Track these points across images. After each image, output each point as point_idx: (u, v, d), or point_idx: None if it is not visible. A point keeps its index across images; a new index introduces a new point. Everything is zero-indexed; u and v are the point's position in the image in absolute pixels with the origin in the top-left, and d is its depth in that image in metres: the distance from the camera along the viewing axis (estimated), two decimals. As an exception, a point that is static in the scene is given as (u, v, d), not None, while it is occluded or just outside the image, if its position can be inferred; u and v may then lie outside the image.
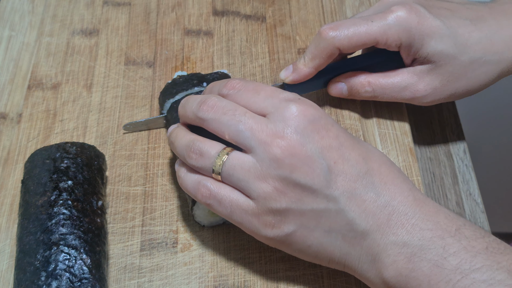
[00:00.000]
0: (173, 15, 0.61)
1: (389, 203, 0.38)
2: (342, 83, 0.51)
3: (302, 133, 0.38)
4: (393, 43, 0.47)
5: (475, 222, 0.51)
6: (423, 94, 0.49)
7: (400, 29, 0.46)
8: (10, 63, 0.56)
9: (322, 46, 0.47)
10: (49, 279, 0.39)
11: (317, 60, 0.48)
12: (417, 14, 0.46)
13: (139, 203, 0.48)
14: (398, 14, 0.46)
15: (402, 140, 0.52)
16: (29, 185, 0.43)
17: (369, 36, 0.47)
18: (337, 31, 0.47)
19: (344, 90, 0.51)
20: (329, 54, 0.48)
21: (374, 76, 0.50)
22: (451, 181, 0.53)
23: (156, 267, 0.45)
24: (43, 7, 0.61)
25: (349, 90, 0.51)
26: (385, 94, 0.50)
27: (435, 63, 0.47)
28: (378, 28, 0.47)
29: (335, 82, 0.51)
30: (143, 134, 0.52)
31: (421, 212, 0.37)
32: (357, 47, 0.47)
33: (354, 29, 0.47)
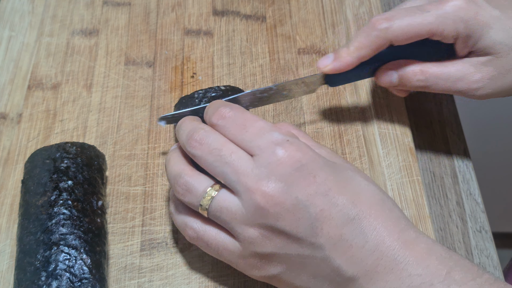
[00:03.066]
0: (173, 15, 0.61)
1: (377, 248, 0.36)
2: (392, 71, 0.48)
3: (287, 181, 0.37)
4: (450, 34, 0.45)
5: (475, 222, 0.51)
6: (479, 85, 0.46)
7: (457, 19, 0.44)
8: (10, 63, 0.56)
9: (373, 36, 0.45)
10: (49, 279, 0.39)
11: (363, 50, 0.46)
12: (475, 4, 0.44)
13: (139, 203, 0.48)
14: (455, 3, 0.44)
15: (402, 140, 0.52)
16: (29, 185, 0.43)
17: (424, 27, 0.44)
18: (390, 21, 0.44)
19: (394, 78, 0.48)
20: (379, 46, 0.45)
21: (427, 65, 0.47)
22: (451, 181, 0.53)
23: (156, 267, 0.45)
24: (43, 7, 0.61)
25: (400, 78, 0.48)
26: (438, 84, 0.47)
27: (493, 55, 0.45)
28: (434, 19, 0.44)
29: (384, 70, 0.48)
30: (143, 134, 0.52)
31: (411, 255, 0.36)
32: (411, 39, 0.45)
33: (408, 19, 0.44)
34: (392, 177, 0.50)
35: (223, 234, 0.39)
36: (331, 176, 0.38)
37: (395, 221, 0.38)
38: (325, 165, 0.38)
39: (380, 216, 0.37)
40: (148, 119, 0.53)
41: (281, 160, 0.37)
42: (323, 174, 0.37)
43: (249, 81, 0.56)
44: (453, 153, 0.55)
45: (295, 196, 0.37)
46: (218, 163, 0.38)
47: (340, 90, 0.55)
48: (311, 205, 0.37)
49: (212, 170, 0.38)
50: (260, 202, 0.36)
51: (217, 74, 0.56)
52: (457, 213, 0.51)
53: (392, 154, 0.51)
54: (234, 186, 0.37)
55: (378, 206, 0.38)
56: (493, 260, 0.49)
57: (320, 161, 0.38)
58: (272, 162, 0.37)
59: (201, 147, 0.39)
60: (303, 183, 0.37)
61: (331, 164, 0.39)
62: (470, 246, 0.50)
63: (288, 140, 0.38)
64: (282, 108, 0.54)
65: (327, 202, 0.37)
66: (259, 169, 0.37)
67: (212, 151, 0.38)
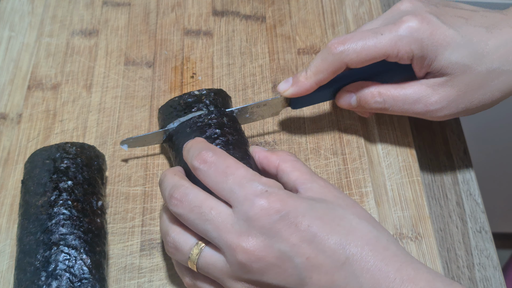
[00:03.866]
0: (172, 15, 0.61)
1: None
2: (351, 94, 0.48)
3: (268, 233, 0.36)
4: (405, 55, 0.45)
5: (475, 222, 0.51)
6: (436, 107, 0.46)
7: (411, 40, 0.44)
8: (10, 64, 0.56)
9: (329, 60, 0.45)
10: (49, 279, 0.39)
11: (321, 75, 0.46)
12: (430, 24, 0.44)
13: (139, 203, 0.48)
14: (409, 24, 0.44)
15: (402, 140, 0.52)
16: (29, 185, 0.43)
17: (378, 50, 0.44)
18: (345, 45, 0.45)
19: (353, 100, 0.48)
20: (336, 69, 0.46)
21: (385, 87, 0.47)
22: (451, 181, 0.53)
23: (156, 267, 0.45)
24: (42, 7, 0.61)
25: (359, 100, 0.48)
26: (396, 106, 0.47)
27: (450, 75, 0.45)
28: (388, 41, 0.44)
29: (343, 92, 0.49)
30: (143, 134, 0.52)
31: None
32: (366, 62, 0.45)
33: (362, 43, 0.44)
34: (392, 177, 0.50)
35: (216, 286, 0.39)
36: (316, 220, 0.36)
37: (391, 260, 0.36)
38: (309, 210, 0.37)
39: (374, 257, 0.35)
40: (148, 119, 0.53)
41: (260, 212, 0.36)
42: (306, 220, 0.36)
43: (249, 81, 0.56)
44: (453, 153, 0.55)
45: (277, 248, 0.35)
46: (199, 220, 0.37)
47: (340, 90, 0.55)
48: (296, 255, 0.35)
49: (195, 228, 0.38)
50: (242, 259, 0.36)
51: (217, 74, 0.56)
52: (457, 214, 0.51)
53: (392, 154, 0.51)
54: (217, 242, 0.37)
55: (370, 246, 0.36)
56: (493, 260, 0.49)
57: (302, 207, 0.37)
58: (251, 216, 0.36)
59: (182, 205, 0.38)
60: (285, 234, 0.36)
61: (318, 206, 0.37)
62: (470, 246, 0.50)
63: (267, 190, 0.37)
64: (282, 108, 0.54)
65: (314, 249, 0.35)
66: (239, 224, 0.36)
67: (192, 209, 0.37)
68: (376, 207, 0.48)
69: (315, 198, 0.38)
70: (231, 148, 0.43)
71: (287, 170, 0.41)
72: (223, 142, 0.43)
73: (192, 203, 0.38)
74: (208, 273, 0.38)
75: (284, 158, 0.41)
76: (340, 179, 0.50)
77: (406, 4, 0.47)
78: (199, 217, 0.37)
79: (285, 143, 0.52)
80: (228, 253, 0.36)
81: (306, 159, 0.51)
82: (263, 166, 0.43)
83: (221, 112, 0.46)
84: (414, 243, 0.47)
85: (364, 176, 0.50)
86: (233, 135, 0.44)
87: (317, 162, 0.51)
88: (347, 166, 0.50)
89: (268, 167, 0.42)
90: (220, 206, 0.37)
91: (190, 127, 0.45)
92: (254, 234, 0.36)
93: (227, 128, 0.45)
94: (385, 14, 0.48)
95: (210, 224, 0.37)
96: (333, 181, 0.50)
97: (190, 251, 0.38)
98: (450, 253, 0.49)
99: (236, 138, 0.44)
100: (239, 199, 0.37)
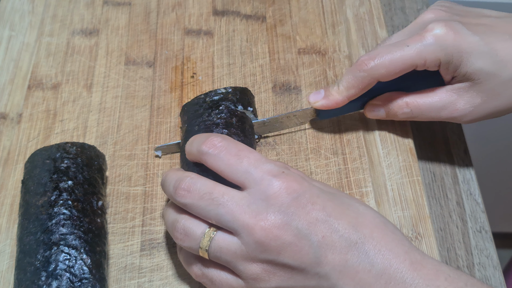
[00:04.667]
0: (173, 15, 0.61)
1: (384, 272, 0.36)
2: (379, 107, 0.50)
3: (286, 212, 0.37)
4: (432, 63, 0.46)
5: (475, 222, 0.51)
6: (462, 113, 0.47)
7: (437, 48, 0.45)
8: (10, 63, 0.56)
9: (360, 76, 0.46)
10: (49, 279, 0.39)
11: (352, 90, 0.47)
12: (454, 31, 0.45)
13: (139, 203, 0.48)
14: (434, 32, 0.45)
15: (402, 140, 0.52)
16: (29, 185, 0.43)
17: (406, 61, 0.45)
18: (374, 61, 0.46)
19: (382, 113, 0.50)
20: (367, 85, 0.47)
21: (412, 97, 0.48)
22: (452, 181, 0.53)
23: (156, 267, 0.45)
24: (43, 7, 0.61)
25: (387, 112, 0.50)
26: (423, 114, 0.48)
27: (474, 81, 0.46)
28: (414, 52, 0.45)
29: (372, 105, 0.50)
30: (143, 134, 0.52)
31: (419, 277, 0.36)
32: (395, 74, 0.46)
33: (390, 57, 0.45)
34: (392, 177, 0.50)
35: (226, 272, 0.39)
36: (329, 201, 0.38)
37: (399, 242, 0.37)
38: (321, 193, 0.38)
39: (384, 239, 0.37)
40: (148, 119, 0.53)
41: (278, 191, 0.37)
42: (320, 201, 0.38)
43: (249, 81, 0.56)
44: (453, 153, 0.55)
45: (295, 226, 0.36)
46: (212, 206, 0.37)
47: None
48: (312, 234, 0.36)
49: (206, 215, 0.38)
50: (260, 237, 0.36)
51: (217, 74, 0.56)
52: (457, 213, 0.51)
53: (392, 154, 0.51)
54: (231, 226, 0.37)
55: (379, 229, 0.38)
56: (493, 260, 0.49)
57: (316, 190, 0.38)
58: (269, 194, 0.37)
59: (190, 195, 0.38)
60: (302, 212, 0.37)
61: (327, 192, 0.39)
62: (470, 246, 0.50)
63: (283, 171, 0.38)
64: (282, 108, 0.54)
65: (328, 228, 0.37)
66: (256, 204, 0.37)
67: (203, 196, 0.38)
68: (376, 207, 0.48)
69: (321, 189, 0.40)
70: None
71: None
72: None
73: (202, 191, 0.38)
74: (221, 257, 0.38)
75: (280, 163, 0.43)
76: (340, 179, 0.50)
77: (429, 14, 0.48)
78: (210, 203, 0.37)
79: (285, 143, 0.52)
80: (245, 234, 0.37)
81: (306, 159, 0.51)
82: None
83: (231, 112, 0.46)
84: (414, 243, 0.47)
85: (364, 176, 0.50)
86: (239, 135, 0.44)
87: (317, 162, 0.51)
88: (347, 166, 0.51)
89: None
90: (231, 191, 0.38)
91: (198, 125, 0.45)
92: (272, 213, 0.36)
93: (234, 128, 0.45)
94: (410, 26, 0.49)
95: (224, 208, 0.37)
96: (333, 181, 0.50)
97: (201, 236, 0.38)
98: (450, 253, 0.49)
99: (242, 139, 0.44)
100: (256, 180, 0.37)
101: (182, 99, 0.54)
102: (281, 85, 0.56)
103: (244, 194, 0.38)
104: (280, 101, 0.55)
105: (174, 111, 0.53)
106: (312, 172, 0.50)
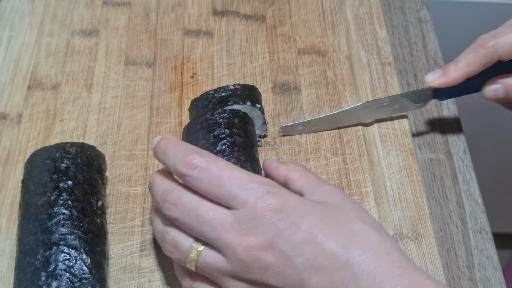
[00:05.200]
0: (173, 15, 0.61)
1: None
2: (497, 85, 0.50)
3: (269, 233, 0.35)
4: None
5: (475, 222, 0.51)
6: None
7: None
8: (10, 64, 0.56)
9: (481, 53, 0.47)
10: (49, 279, 0.39)
11: (472, 67, 0.47)
12: None
13: (139, 203, 0.48)
14: None
15: (402, 140, 0.52)
16: (29, 185, 0.43)
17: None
18: (498, 38, 0.46)
19: (500, 92, 0.50)
20: (487, 62, 0.47)
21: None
22: (451, 181, 0.53)
23: (156, 267, 0.45)
24: (43, 7, 0.61)
25: (505, 91, 0.49)
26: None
27: None
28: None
29: (490, 84, 0.50)
30: (143, 134, 0.52)
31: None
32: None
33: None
34: (392, 178, 0.50)
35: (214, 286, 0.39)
36: (318, 221, 0.36)
37: (393, 265, 0.35)
38: (311, 210, 0.37)
39: (375, 261, 0.35)
40: (148, 119, 0.53)
41: (261, 213, 0.36)
42: (308, 221, 0.36)
43: (249, 81, 0.56)
44: (453, 153, 0.55)
45: (278, 248, 0.35)
46: (196, 223, 0.37)
47: (340, 90, 0.55)
48: (296, 255, 0.35)
49: (192, 230, 0.37)
50: (243, 258, 0.36)
51: (217, 74, 0.56)
52: (457, 214, 0.51)
53: (392, 154, 0.51)
54: (216, 243, 0.37)
55: (372, 250, 0.35)
56: (493, 261, 0.49)
57: (305, 208, 0.37)
58: (253, 217, 0.36)
59: (177, 209, 0.37)
60: (286, 234, 0.35)
61: (321, 208, 0.37)
62: (470, 246, 0.50)
63: (268, 191, 0.36)
64: (282, 108, 0.54)
65: (314, 249, 0.35)
66: (239, 224, 0.36)
67: (188, 212, 0.37)
68: (376, 207, 0.48)
69: (319, 201, 0.38)
70: (236, 150, 0.43)
71: (295, 178, 0.41)
72: (229, 142, 0.43)
73: (188, 206, 0.37)
74: (207, 272, 0.38)
75: (293, 168, 0.42)
76: (340, 179, 0.50)
77: None
78: (195, 220, 0.37)
79: (285, 143, 0.52)
80: (228, 253, 0.36)
81: (306, 159, 0.51)
82: (272, 176, 0.43)
83: (233, 112, 0.45)
84: (414, 243, 0.47)
85: (364, 176, 0.50)
86: (240, 136, 0.44)
87: (317, 162, 0.51)
88: (347, 166, 0.51)
89: (277, 176, 0.42)
90: (217, 208, 0.37)
91: (201, 124, 0.45)
92: (255, 234, 0.36)
93: (236, 129, 0.45)
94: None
95: (208, 226, 0.36)
96: (333, 181, 0.50)
97: (189, 250, 0.38)
98: (450, 253, 0.49)
99: (243, 140, 0.44)
100: (240, 202, 0.36)
101: (182, 99, 0.54)
102: (281, 85, 0.56)
103: (229, 213, 0.37)
104: (280, 101, 0.55)
105: (174, 111, 0.54)
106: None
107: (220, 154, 0.43)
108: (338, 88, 0.56)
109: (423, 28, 0.63)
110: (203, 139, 0.44)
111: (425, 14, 0.64)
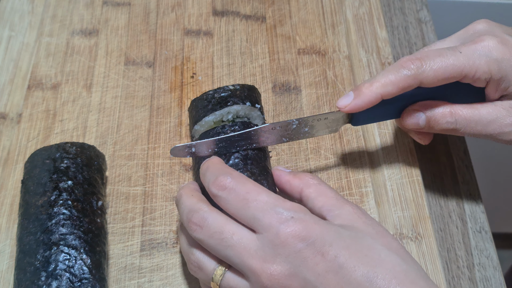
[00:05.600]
0: (172, 15, 0.61)
1: None
2: (420, 113, 0.45)
3: (294, 261, 0.35)
4: (482, 76, 0.43)
5: (475, 222, 0.51)
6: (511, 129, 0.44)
7: (490, 61, 0.42)
8: (10, 63, 0.56)
9: (402, 74, 0.42)
10: (49, 279, 0.38)
11: (389, 88, 0.43)
12: (508, 46, 0.42)
13: (139, 203, 0.48)
14: (488, 43, 0.42)
15: (402, 140, 0.52)
16: (29, 185, 0.43)
17: (457, 69, 0.42)
18: (422, 62, 0.43)
19: (422, 120, 0.45)
20: (407, 85, 0.43)
21: (456, 107, 0.45)
22: (451, 181, 0.53)
23: (156, 267, 0.45)
24: (42, 7, 0.61)
25: (428, 121, 0.45)
26: (468, 127, 0.45)
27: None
28: (467, 60, 0.42)
29: (411, 111, 0.46)
30: (143, 134, 0.52)
31: None
32: (442, 81, 0.43)
33: (440, 60, 0.42)
34: (392, 178, 0.50)
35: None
36: (344, 250, 0.36)
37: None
38: (336, 238, 0.36)
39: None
40: (148, 119, 0.53)
41: (285, 240, 0.35)
42: (333, 250, 0.35)
43: (249, 81, 0.56)
44: (453, 153, 0.55)
45: (303, 277, 0.35)
46: (220, 246, 0.37)
47: (340, 90, 0.55)
48: (321, 285, 0.35)
49: (216, 253, 0.37)
50: (267, 285, 0.35)
51: (217, 74, 0.56)
52: (457, 214, 0.51)
53: (392, 154, 0.51)
54: (240, 268, 0.37)
55: (398, 280, 0.35)
56: (493, 261, 0.49)
57: (330, 235, 0.36)
58: (277, 243, 0.35)
59: (201, 231, 0.37)
60: (311, 263, 0.35)
61: (346, 235, 0.37)
62: (470, 246, 0.50)
63: (293, 217, 0.36)
64: (282, 108, 0.54)
65: (339, 280, 0.35)
66: (264, 250, 0.36)
67: (212, 235, 0.37)
68: (376, 207, 0.48)
69: (344, 225, 0.38)
70: (249, 163, 0.42)
71: (312, 196, 0.40)
72: (242, 156, 0.42)
73: (212, 229, 0.37)
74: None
75: (307, 183, 0.41)
76: (340, 179, 0.50)
77: (482, 24, 0.46)
78: (220, 243, 0.37)
79: (285, 144, 0.52)
80: (253, 279, 0.36)
81: (306, 159, 0.51)
82: (285, 191, 0.42)
83: (244, 125, 0.45)
84: (414, 243, 0.47)
85: (364, 176, 0.50)
86: (253, 149, 0.44)
87: (317, 162, 0.51)
88: (347, 166, 0.51)
89: (291, 192, 0.41)
90: (242, 231, 0.37)
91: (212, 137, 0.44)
92: (279, 261, 0.35)
93: None
94: (459, 33, 0.46)
95: (232, 250, 0.36)
96: (333, 181, 0.50)
97: (213, 272, 0.38)
98: (450, 253, 0.49)
99: (255, 152, 0.43)
100: (264, 226, 0.36)
101: (182, 99, 0.54)
102: (281, 85, 0.56)
103: (254, 237, 0.37)
104: (280, 101, 0.55)
105: (174, 111, 0.54)
106: (312, 172, 0.50)
107: (233, 167, 0.42)
108: (338, 88, 0.56)
109: (423, 28, 0.63)
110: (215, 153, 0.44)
111: (425, 14, 0.64)
